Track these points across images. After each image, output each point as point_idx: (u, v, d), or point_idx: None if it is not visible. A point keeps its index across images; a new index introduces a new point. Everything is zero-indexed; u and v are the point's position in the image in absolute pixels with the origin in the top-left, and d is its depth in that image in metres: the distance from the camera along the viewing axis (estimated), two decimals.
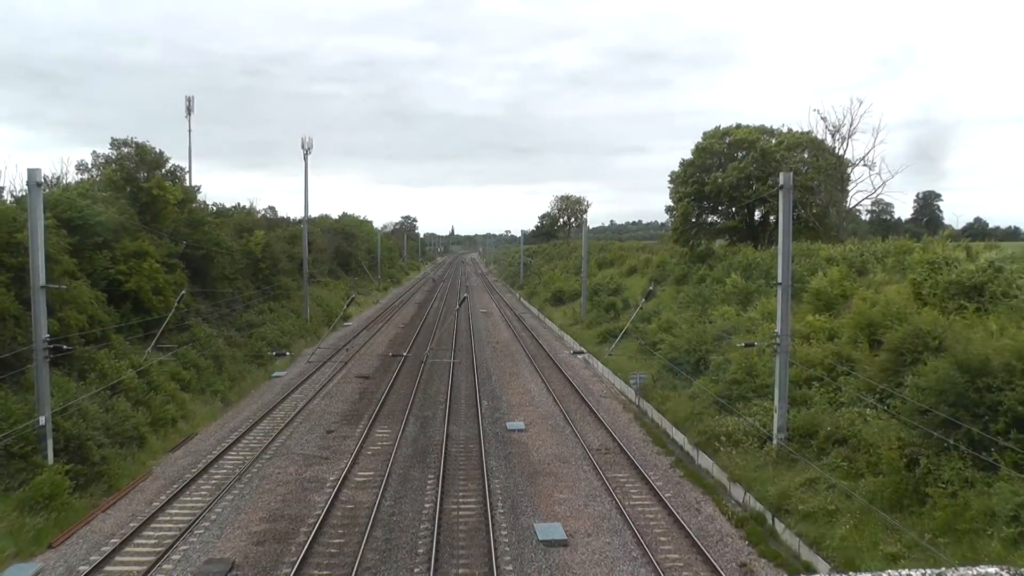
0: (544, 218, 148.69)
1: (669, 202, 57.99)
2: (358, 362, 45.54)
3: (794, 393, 24.09)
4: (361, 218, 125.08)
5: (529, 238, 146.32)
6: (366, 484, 23.39)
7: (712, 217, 57.18)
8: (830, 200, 52.89)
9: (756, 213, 55.38)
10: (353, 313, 68.92)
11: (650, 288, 50.42)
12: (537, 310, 77.08)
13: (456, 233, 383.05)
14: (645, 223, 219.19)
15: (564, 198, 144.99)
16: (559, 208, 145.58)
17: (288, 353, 44.42)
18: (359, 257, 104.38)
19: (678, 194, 55.70)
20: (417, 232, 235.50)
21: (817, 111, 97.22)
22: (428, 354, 47.16)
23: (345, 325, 62.13)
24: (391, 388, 37.51)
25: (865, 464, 19.54)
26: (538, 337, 56.47)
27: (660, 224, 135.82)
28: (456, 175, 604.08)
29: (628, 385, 35.67)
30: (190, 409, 31.11)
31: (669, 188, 57.08)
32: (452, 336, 56.26)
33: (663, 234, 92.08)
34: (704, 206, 56.15)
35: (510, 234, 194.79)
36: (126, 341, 31.15)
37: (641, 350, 41.20)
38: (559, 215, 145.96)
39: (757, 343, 26.98)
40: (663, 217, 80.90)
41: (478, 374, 40.97)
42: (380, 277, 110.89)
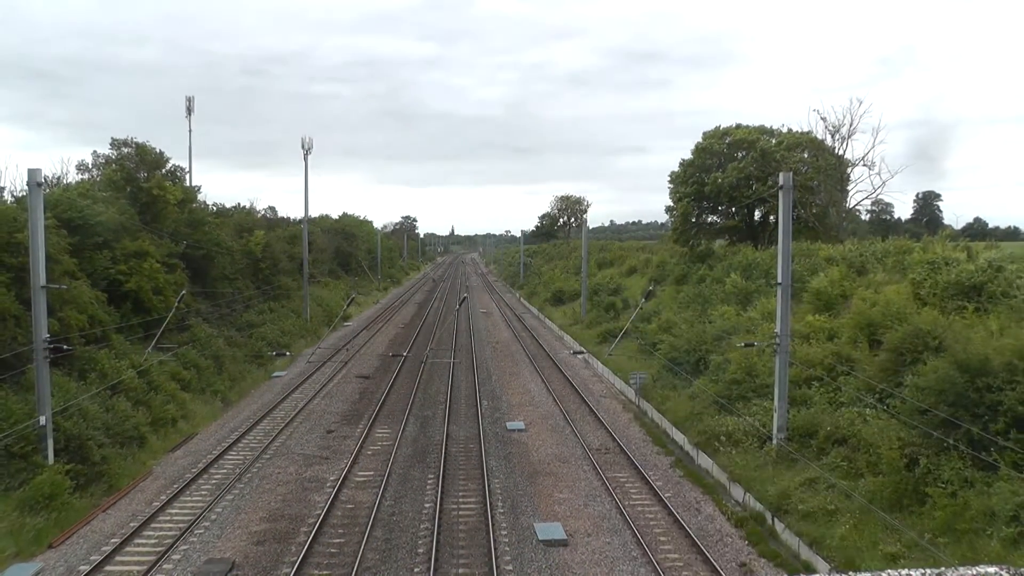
0: (544, 218, 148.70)
1: (669, 202, 58.07)
2: (358, 362, 45.56)
3: (794, 393, 24.11)
4: (361, 218, 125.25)
5: (529, 238, 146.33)
6: (366, 484, 23.41)
7: (712, 217, 57.21)
8: (830, 200, 52.90)
9: (756, 213, 55.40)
10: (353, 313, 68.94)
11: (650, 288, 50.44)
12: (537, 310, 77.10)
13: (456, 233, 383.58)
14: (645, 223, 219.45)
15: (564, 198, 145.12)
16: (559, 208, 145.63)
17: (288, 353, 44.44)
18: (359, 257, 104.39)
19: (678, 194, 55.73)
20: (417, 232, 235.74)
21: (817, 111, 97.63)
22: (428, 354, 47.17)
23: (345, 325, 62.16)
24: (391, 388, 37.53)
25: (865, 464, 19.55)
26: (538, 337, 56.49)
27: (660, 224, 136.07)
28: (456, 175, 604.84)
29: (628, 385, 35.69)
30: (190, 409, 31.13)
31: (669, 188, 57.15)
32: (452, 336, 56.28)
33: (663, 234, 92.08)
34: (704, 206, 56.18)
35: (510, 234, 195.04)
36: (126, 341, 31.19)
37: (641, 350, 41.22)
38: (559, 215, 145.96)
39: (757, 343, 26.99)
40: (663, 217, 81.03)
41: (478, 374, 40.99)
42: (380, 277, 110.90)
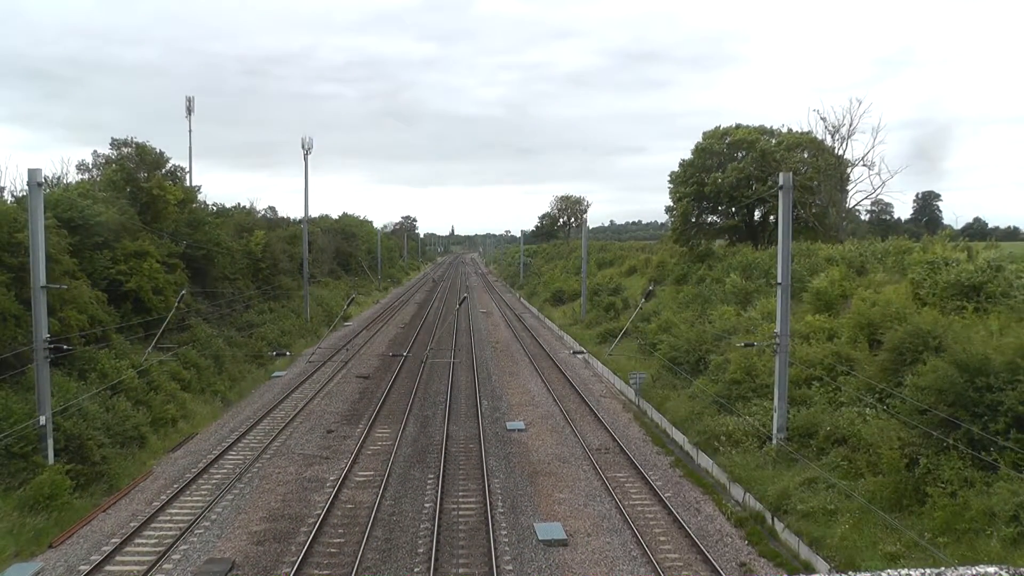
0: (544, 218, 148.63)
1: (669, 202, 58.09)
2: (358, 362, 45.56)
3: (794, 393, 24.11)
4: (361, 218, 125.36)
5: (529, 238, 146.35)
6: (366, 484, 23.42)
7: (712, 217, 57.23)
8: (830, 200, 52.86)
9: (756, 213, 55.42)
10: (353, 313, 68.94)
11: (650, 288, 50.42)
12: (537, 310, 77.11)
13: (456, 233, 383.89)
14: (645, 223, 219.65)
15: (564, 198, 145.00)
16: (559, 208, 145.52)
17: (288, 353, 44.45)
18: (359, 257, 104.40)
19: (678, 194, 55.74)
20: (417, 232, 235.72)
21: (817, 111, 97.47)
22: (428, 354, 47.17)
23: (345, 325, 62.17)
24: (391, 388, 37.54)
25: (865, 464, 19.56)
26: (538, 337, 56.51)
27: (660, 224, 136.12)
28: (456, 175, 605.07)
29: (628, 385, 35.69)
30: (190, 409, 31.14)
31: (669, 188, 57.16)
32: (452, 336, 56.29)
33: (663, 234, 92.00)
34: (704, 206, 56.19)
35: (510, 234, 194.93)
36: (126, 341, 31.21)
37: (641, 350, 41.22)
38: (559, 215, 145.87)
39: (757, 343, 26.99)
40: (663, 217, 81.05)
41: (478, 374, 41.00)
42: (380, 277, 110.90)
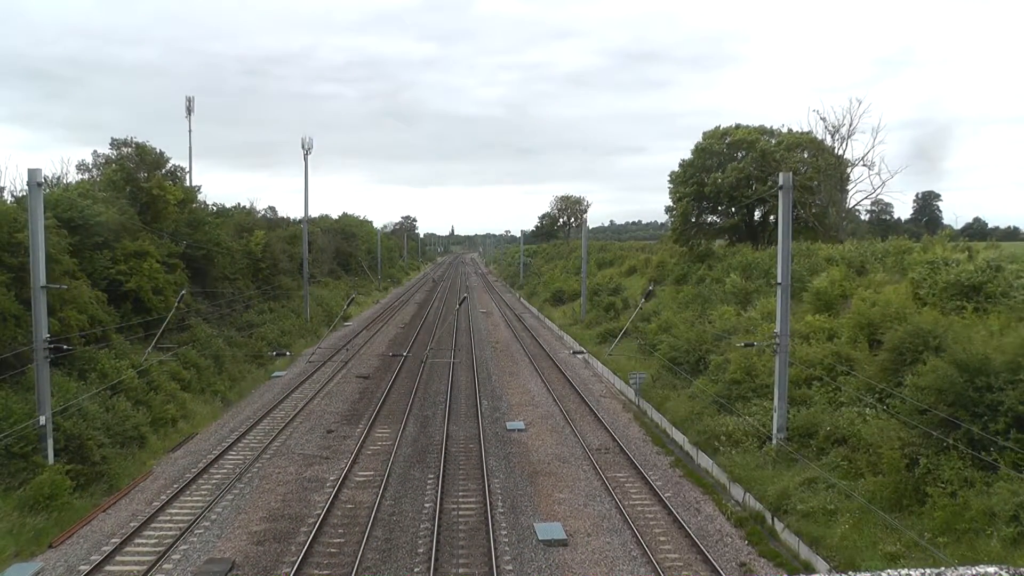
0: (544, 218, 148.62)
1: (669, 202, 58.10)
2: (358, 362, 45.57)
3: (794, 393, 24.11)
4: (361, 218, 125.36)
5: (529, 238, 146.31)
6: (366, 484, 23.42)
7: (712, 217, 57.24)
8: (829, 200, 52.87)
9: (756, 213, 55.42)
10: (353, 313, 68.94)
11: (650, 288, 50.42)
12: (537, 310, 77.12)
13: (456, 233, 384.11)
14: (645, 223, 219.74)
15: (564, 198, 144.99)
16: (559, 208, 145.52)
17: (288, 353, 44.45)
18: (359, 257, 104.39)
19: (678, 194, 55.74)
20: (417, 232, 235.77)
21: (817, 111, 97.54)
22: (428, 354, 47.17)
23: (345, 325, 62.17)
24: (391, 388, 37.54)
25: (865, 464, 19.56)
26: (538, 337, 56.51)
27: (660, 224, 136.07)
28: (456, 175, 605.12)
29: (628, 385, 35.68)
30: (190, 409, 31.14)
31: (669, 188, 57.17)
32: (452, 336, 56.29)
33: (663, 234, 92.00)
34: (704, 206, 56.20)
35: (510, 234, 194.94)
36: (126, 341, 31.21)
37: (641, 350, 41.22)
38: (559, 215, 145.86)
39: (757, 343, 26.99)
40: (663, 217, 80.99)
41: (478, 374, 41.00)
42: (380, 277, 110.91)
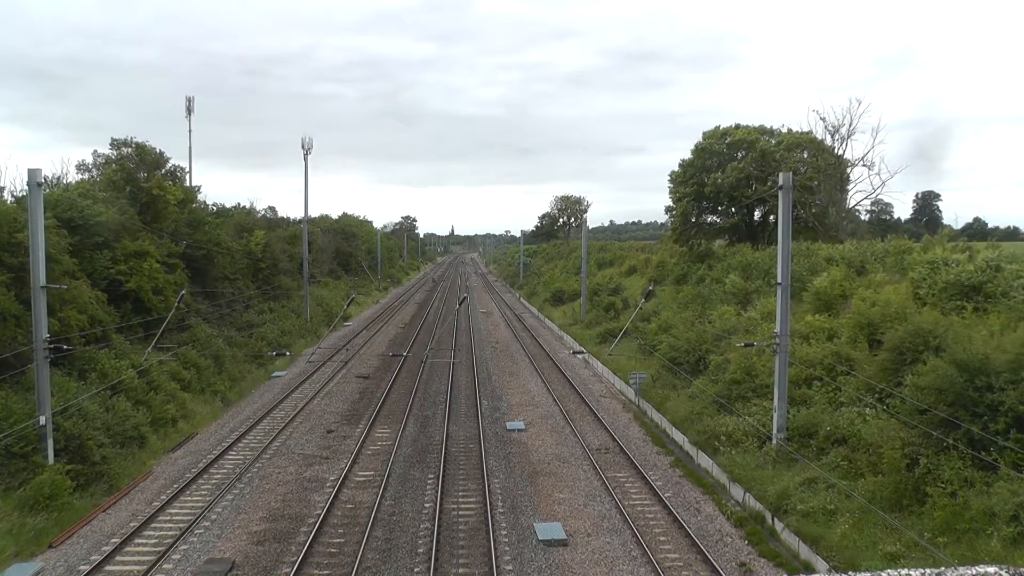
0: (544, 218, 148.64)
1: (669, 202, 58.11)
2: (358, 362, 45.57)
3: (793, 393, 24.11)
4: (361, 218, 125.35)
5: (529, 238, 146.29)
6: (366, 484, 23.42)
7: (711, 217, 57.25)
8: (829, 200, 52.88)
9: (756, 213, 55.42)
10: (353, 313, 68.94)
11: (649, 288, 50.42)
12: (537, 310, 77.12)
13: (456, 233, 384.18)
14: (645, 223, 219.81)
15: (564, 198, 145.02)
16: (559, 208, 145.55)
17: (288, 353, 44.45)
18: (359, 257, 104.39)
19: (678, 194, 55.75)
20: (417, 232, 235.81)
21: (816, 111, 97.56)
22: (428, 354, 47.17)
23: (345, 325, 62.16)
24: (391, 388, 37.54)
25: (865, 464, 19.56)
26: (538, 337, 56.51)
27: (660, 224, 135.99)
28: (456, 175, 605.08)
29: (628, 385, 35.68)
30: (190, 409, 31.14)
31: (669, 188, 57.18)
32: (452, 336, 56.29)
33: (663, 234, 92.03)
34: (704, 206, 56.21)
35: (510, 234, 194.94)
36: (126, 341, 31.21)
37: (641, 350, 41.23)
38: (559, 215, 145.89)
39: (757, 343, 27.00)
40: (663, 217, 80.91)
41: (478, 374, 41.00)
42: (380, 277, 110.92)
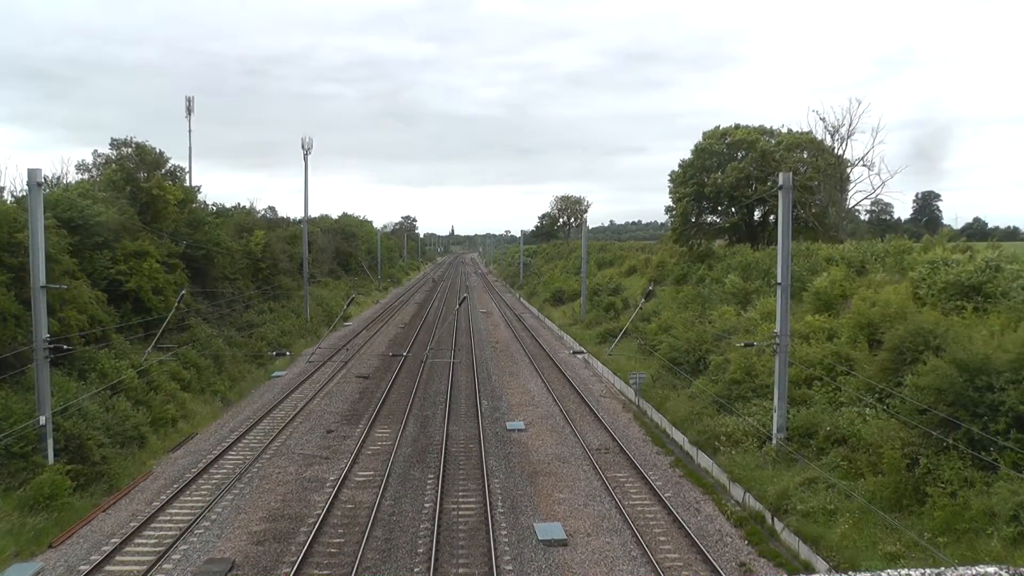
0: (544, 218, 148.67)
1: (669, 202, 58.15)
2: (358, 362, 45.57)
3: (793, 393, 24.11)
4: (361, 218, 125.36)
5: (529, 238, 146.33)
6: (366, 484, 23.42)
7: (711, 217, 57.29)
8: (829, 200, 52.90)
9: (756, 213, 55.45)
10: (353, 313, 68.94)
11: (649, 288, 50.42)
12: (537, 310, 77.11)
13: (456, 233, 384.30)
14: (645, 223, 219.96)
15: (564, 198, 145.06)
16: (559, 208, 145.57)
17: (288, 353, 44.46)
18: (359, 257, 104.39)
19: (677, 194, 55.78)
20: (417, 232, 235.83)
21: (816, 111, 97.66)
22: (428, 354, 47.17)
23: (345, 325, 62.16)
24: (391, 388, 37.54)
25: (865, 464, 19.55)
26: (538, 337, 56.51)
27: (660, 224, 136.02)
28: (456, 175, 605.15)
29: (628, 385, 35.68)
30: (190, 409, 31.14)
31: (669, 188, 57.23)
32: (452, 336, 56.29)
33: (663, 234, 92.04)
34: (703, 206, 56.25)
35: (510, 234, 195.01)
36: (126, 341, 31.21)
37: (641, 350, 41.22)
38: (559, 215, 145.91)
39: (756, 343, 26.99)
40: (663, 217, 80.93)
41: (478, 374, 41.00)
42: (380, 277, 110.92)
